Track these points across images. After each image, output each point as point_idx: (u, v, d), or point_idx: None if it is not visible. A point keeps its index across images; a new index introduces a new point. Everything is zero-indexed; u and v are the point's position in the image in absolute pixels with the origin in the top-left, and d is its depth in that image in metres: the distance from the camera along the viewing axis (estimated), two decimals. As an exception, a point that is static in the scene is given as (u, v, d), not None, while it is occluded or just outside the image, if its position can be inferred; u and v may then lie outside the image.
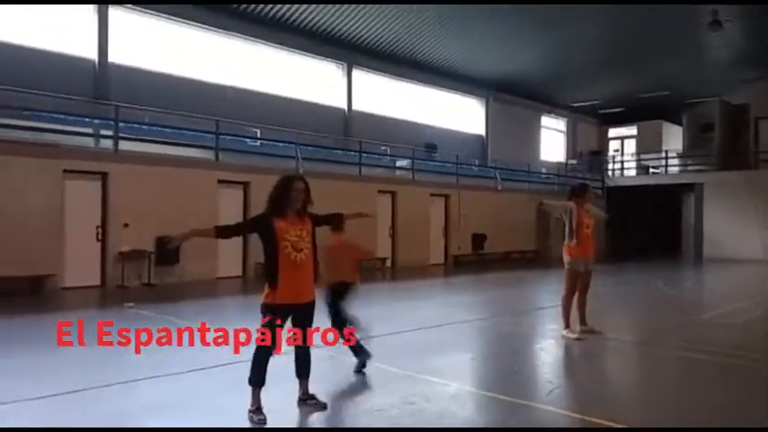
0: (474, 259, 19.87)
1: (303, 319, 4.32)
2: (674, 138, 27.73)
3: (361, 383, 5.28)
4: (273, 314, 4.18)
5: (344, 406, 4.57)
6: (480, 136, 24.71)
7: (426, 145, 20.89)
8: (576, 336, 7.25)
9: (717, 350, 6.82)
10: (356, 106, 19.91)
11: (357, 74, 20.00)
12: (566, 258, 7.45)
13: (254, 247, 11.60)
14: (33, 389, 4.83)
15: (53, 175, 11.23)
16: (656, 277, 16.06)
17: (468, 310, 9.97)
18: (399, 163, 19.54)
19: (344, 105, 19.69)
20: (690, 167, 25.56)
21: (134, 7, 14.88)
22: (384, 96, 20.94)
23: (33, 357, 6.16)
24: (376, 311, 9.99)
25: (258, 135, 15.78)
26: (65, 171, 11.44)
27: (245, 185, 14.10)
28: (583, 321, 7.53)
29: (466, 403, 4.86)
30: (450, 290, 14.00)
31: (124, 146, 12.60)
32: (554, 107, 27.69)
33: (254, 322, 4.31)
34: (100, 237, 11.98)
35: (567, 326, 7.38)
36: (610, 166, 28.04)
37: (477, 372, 6.13)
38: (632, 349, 7.37)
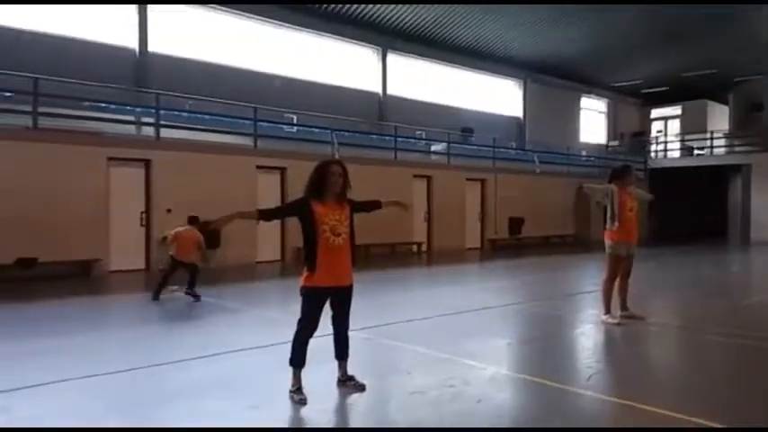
0: (511, 244, 19.69)
1: (341, 301, 4.38)
2: (719, 118, 26.76)
3: (399, 366, 5.33)
4: (313, 297, 4.26)
5: (383, 388, 4.62)
6: (518, 118, 24.33)
7: (462, 129, 20.70)
8: (616, 321, 7.14)
9: (764, 336, 6.62)
10: (391, 91, 19.83)
11: (392, 58, 19.89)
12: (607, 242, 7.32)
13: (293, 231, 11.77)
14: (90, 367, 5.04)
15: (98, 162, 11.58)
16: (700, 261, 15.65)
17: (505, 295, 9.92)
18: (435, 147, 19.43)
19: (379, 90, 19.64)
20: (737, 148, 24.65)
21: (172, -4, 15.11)
22: (419, 80, 20.79)
23: (87, 338, 6.42)
24: (412, 296, 10.05)
25: (295, 121, 15.91)
26: (109, 159, 11.78)
27: (282, 171, 14.27)
28: (624, 306, 7.41)
29: (504, 387, 4.87)
30: (487, 274, 13.93)
31: (165, 133, 12.88)
32: (594, 88, 27.03)
33: (295, 305, 4.39)
34: (144, 222, 12.32)
35: (608, 311, 7.27)
36: (653, 148, 27.26)
37: (515, 356, 6.11)
38: (675, 334, 7.22)
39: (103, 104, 12.56)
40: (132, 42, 14.56)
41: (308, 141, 15.04)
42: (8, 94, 11.12)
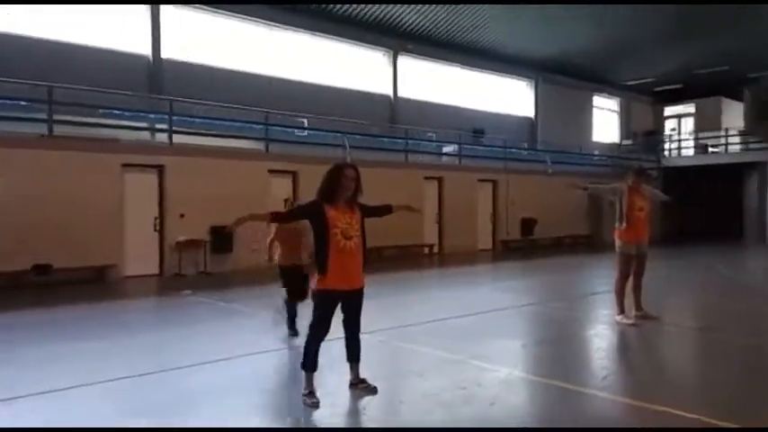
0: (523, 245, 19.60)
1: (353, 304, 4.40)
2: (734, 115, 26.40)
3: (412, 368, 5.33)
4: (324, 300, 4.28)
5: (396, 390, 4.63)
6: (529, 119, 24.23)
7: (474, 130, 20.65)
8: (630, 321, 7.09)
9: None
10: (402, 93, 19.83)
11: (402, 60, 19.90)
12: (617, 242, 7.29)
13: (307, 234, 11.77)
14: (104, 372, 5.09)
15: (113, 168, 11.71)
16: (715, 261, 15.48)
17: (518, 296, 9.88)
18: (446, 149, 19.40)
19: (390, 92, 19.64)
20: (752, 146, 24.34)
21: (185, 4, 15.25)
22: (430, 82, 20.77)
23: (102, 342, 6.48)
24: (424, 297, 10.04)
25: (306, 125, 15.97)
26: (123, 165, 11.90)
27: (294, 175, 14.32)
28: (638, 306, 7.35)
29: (517, 389, 4.85)
30: (499, 275, 13.88)
31: (178, 139, 12.99)
32: (606, 86, 26.84)
33: (307, 308, 4.41)
34: (157, 227, 12.44)
35: (622, 311, 7.22)
36: (666, 146, 26.99)
37: (529, 357, 6.09)
38: (690, 335, 7.15)
39: (117, 111, 12.70)
40: (146, 49, 14.70)
41: (319, 145, 15.09)
42: (24, 102, 11.27)
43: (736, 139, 25.07)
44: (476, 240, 18.54)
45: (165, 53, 14.93)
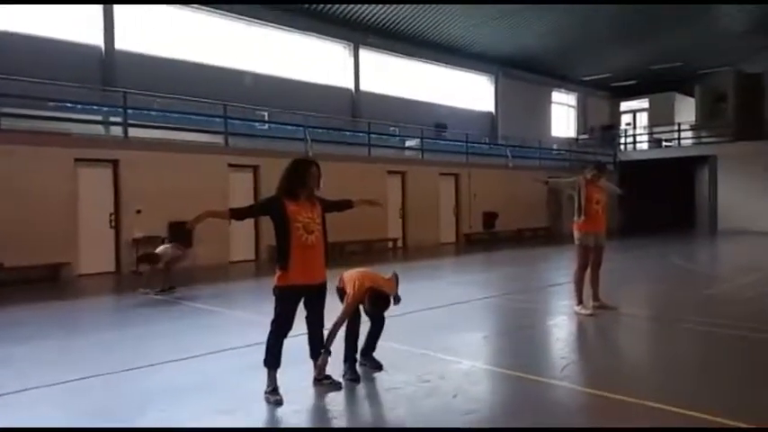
0: (485, 237, 19.84)
1: (316, 300, 4.36)
2: (686, 110, 27.28)
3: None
4: (287, 296, 4.22)
5: (359, 385, 4.61)
6: (490, 113, 24.50)
7: (436, 124, 20.76)
8: (589, 311, 7.25)
9: (733, 324, 6.78)
10: (364, 87, 19.78)
11: (364, 54, 19.83)
12: (575, 234, 7.44)
13: (267, 230, 11.67)
14: (57, 375, 4.91)
15: (65, 163, 11.32)
16: (669, 251, 15.97)
17: (480, 289, 9.99)
18: (409, 143, 19.46)
19: (352, 86, 19.57)
20: (703, 139, 25.20)
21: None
22: (392, 76, 20.77)
23: (55, 344, 6.27)
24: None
25: (266, 118, 15.77)
26: (76, 159, 11.52)
27: (255, 169, 14.13)
28: (596, 297, 7.52)
29: (480, 380, 4.90)
30: (462, 269, 14.01)
31: (134, 133, 12.64)
32: (564, 82, 27.35)
33: (269, 305, 4.34)
34: (113, 224, 12.09)
35: (580, 302, 7.37)
36: (622, 140, 27.69)
37: (490, 349, 6.16)
38: (646, 324, 7.35)
39: (69, 104, 12.27)
40: (98, 40, 14.24)
41: (280, 139, 14.92)
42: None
43: (689, 134, 25.91)
44: (439, 234, 18.67)
45: (120, 44, 14.49)
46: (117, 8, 14.44)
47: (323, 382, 4.45)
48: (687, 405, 4.05)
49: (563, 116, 28.32)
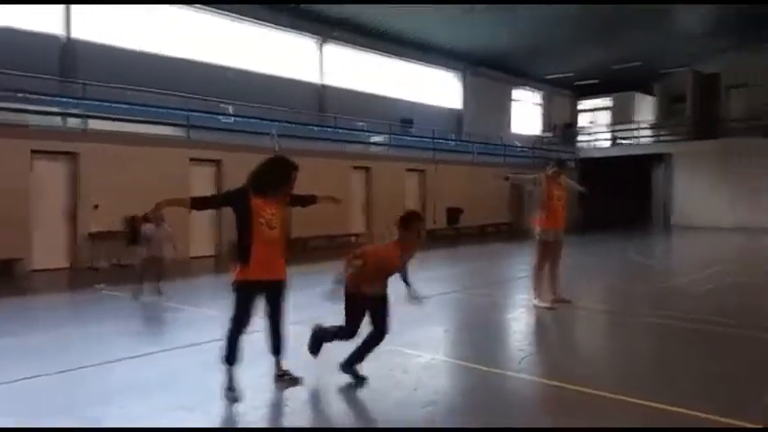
0: (449, 233, 20.01)
1: (276, 295, 4.35)
2: (646, 109, 28.03)
3: (338, 358, 5.32)
4: (246, 291, 4.20)
5: (320, 381, 4.62)
6: (457, 110, 24.68)
7: (402, 120, 20.81)
8: (547, 305, 7.41)
9: (687, 317, 7.02)
10: (331, 81, 19.68)
11: (331, 48, 19.73)
12: (536, 229, 7.59)
13: (229, 225, 11.52)
14: (13, 372, 4.78)
15: (21, 155, 10.97)
16: (626, 247, 16.39)
17: (443, 284, 10.07)
18: (375, 138, 19.47)
19: (318, 80, 19.45)
20: (661, 138, 25.91)
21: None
22: (359, 71, 20.72)
23: (9, 341, 6.08)
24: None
25: (230, 112, 15.55)
26: (33, 151, 11.17)
27: (218, 163, 13.94)
28: (554, 291, 7.68)
29: (441, 373, 4.97)
30: (424, 264, 14.00)
31: (94, 125, 12.32)
32: (530, 80, 27.73)
33: (228, 300, 4.32)
34: (69, 218, 11.78)
35: (539, 296, 7.53)
36: (583, 138, 28.26)
37: (452, 342, 6.26)
38: (602, 317, 7.56)
39: (26, 95, 11.86)
40: (58, 30, 13.80)
41: (245, 133, 14.75)
42: None
43: (648, 132, 26.63)
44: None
45: (79, 33, 14.08)
46: (76, -4, 14.00)
47: (283, 378, 4.44)
48: (643, 396, 4.18)
49: (528, 114, 28.72)
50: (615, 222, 23.94)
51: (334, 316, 4.61)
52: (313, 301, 4.89)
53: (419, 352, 5.42)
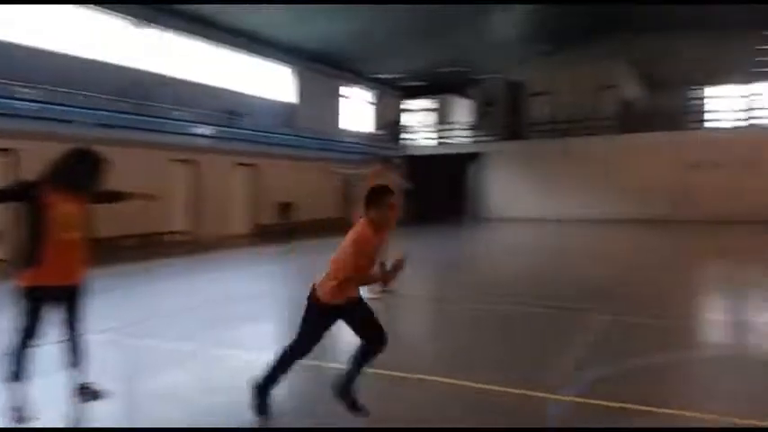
0: (281, 228, 19.80)
1: (72, 302, 3.93)
2: (465, 111, 30.37)
3: (146, 365, 4.98)
4: (36, 297, 3.74)
5: (128, 391, 4.28)
6: (291, 105, 24.41)
7: (230, 112, 20.06)
8: (375, 295, 7.65)
9: (498, 300, 7.69)
10: (154, 68, 18.23)
11: (154, 32, 18.30)
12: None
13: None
14: None
15: None
16: (444, 239, 17.59)
17: (271, 281, 9.96)
18: (200, 130, 18.55)
19: (138, 66, 17.92)
20: (477, 138, 28.20)
21: None
22: (187, 59, 19.49)
23: None
24: (167, 288, 9.45)
25: (30, 96, 13.75)
26: None
27: (14, 153, 12.30)
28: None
29: (254, 373, 4.87)
30: (250, 261, 13.77)
31: None
32: (362, 79, 28.41)
33: (13, 309, 3.80)
34: None
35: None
36: (409, 137, 29.76)
37: (276, 340, 6.16)
38: (424, 304, 8.00)
39: None
40: None
41: (49, 120, 13.15)
42: None
43: (466, 133, 28.88)
44: (232, 225, 18.20)
45: None
46: None
47: (82, 392, 4.02)
48: (446, 374, 4.48)
49: (361, 111, 29.44)
50: (437, 217, 25.45)
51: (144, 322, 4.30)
52: (119, 305, 4.51)
53: (235, 351, 5.27)
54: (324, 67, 25.22)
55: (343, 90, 27.30)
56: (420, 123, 31.52)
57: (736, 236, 17.22)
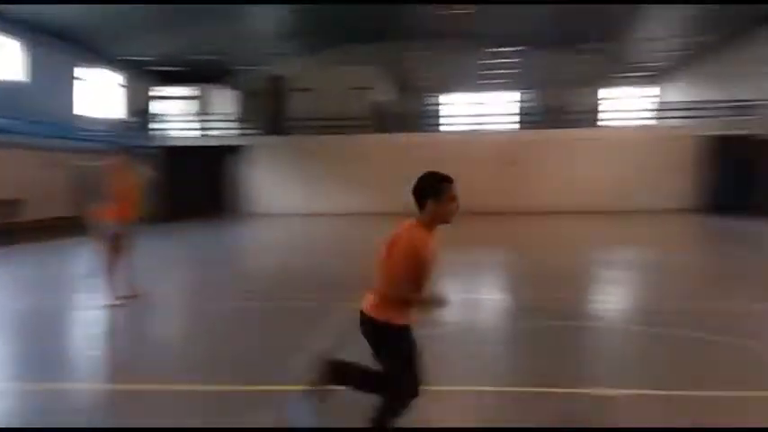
0: (6, 229, 16.95)
1: None
2: (230, 102, 29.53)
3: None
4: None
5: None
6: (19, 83, 20.99)
7: None
8: (118, 302, 7.15)
9: (256, 297, 7.76)
10: None
11: None
12: (100, 222, 7.20)
13: None
14: None
15: None
16: (206, 235, 17.10)
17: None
18: None
19: None
20: (241, 131, 27.74)
21: None
22: None
23: None
24: None
25: None
26: None
27: None
28: (125, 286, 7.41)
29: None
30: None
31: None
32: (107, 60, 25.75)
33: None
34: None
35: (112, 292, 7.20)
36: (164, 126, 27.97)
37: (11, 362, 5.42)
38: (173, 308, 7.75)
39: None
40: None
41: None
42: None
43: (230, 124, 28.16)
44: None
45: None
46: None
47: None
48: (204, 381, 4.46)
49: (107, 96, 26.69)
50: (198, 211, 24.45)
51: None
52: None
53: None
54: (64, 45, 22.28)
55: (81, 71, 24.22)
56: (181, 112, 29.80)
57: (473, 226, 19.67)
